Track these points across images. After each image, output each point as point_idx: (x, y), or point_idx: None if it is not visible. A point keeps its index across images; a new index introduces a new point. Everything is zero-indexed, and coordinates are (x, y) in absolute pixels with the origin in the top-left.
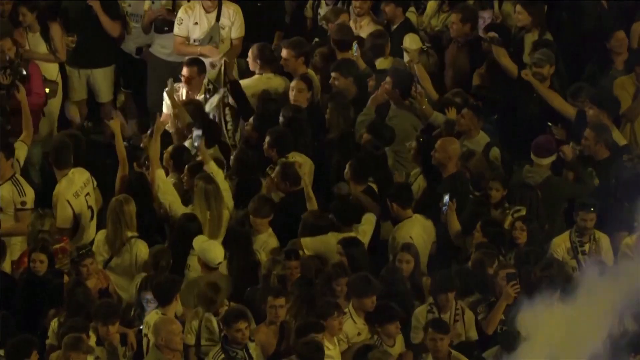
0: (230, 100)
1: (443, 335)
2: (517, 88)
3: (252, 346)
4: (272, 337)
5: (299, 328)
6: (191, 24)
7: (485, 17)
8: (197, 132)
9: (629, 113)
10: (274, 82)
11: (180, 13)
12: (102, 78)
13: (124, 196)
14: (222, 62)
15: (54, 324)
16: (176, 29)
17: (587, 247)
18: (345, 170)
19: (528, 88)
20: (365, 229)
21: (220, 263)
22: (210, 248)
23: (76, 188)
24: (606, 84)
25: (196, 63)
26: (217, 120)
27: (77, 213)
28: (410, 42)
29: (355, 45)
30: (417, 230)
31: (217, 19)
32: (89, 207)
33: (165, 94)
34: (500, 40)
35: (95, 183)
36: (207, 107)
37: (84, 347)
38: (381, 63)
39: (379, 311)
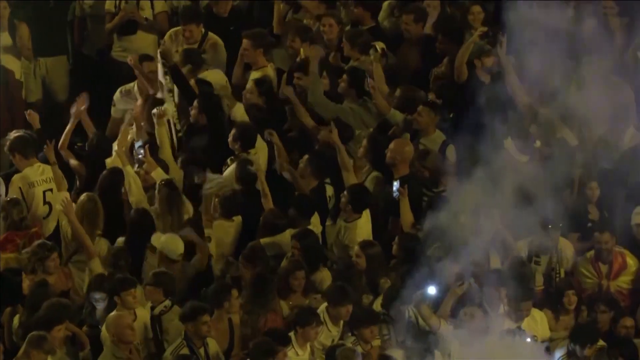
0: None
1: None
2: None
3: (211, 342)
4: (225, 332)
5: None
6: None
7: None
8: (138, 144)
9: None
10: (208, 76)
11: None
12: (56, 72)
13: (90, 194)
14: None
15: (16, 320)
16: None
17: (543, 259)
18: (301, 165)
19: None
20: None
21: (181, 254)
22: (170, 241)
23: (33, 179)
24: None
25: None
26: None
27: (29, 202)
28: (378, 45)
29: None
30: (368, 228)
31: None
32: (47, 202)
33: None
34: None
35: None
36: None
37: (47, 346)
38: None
39: (354, 315)
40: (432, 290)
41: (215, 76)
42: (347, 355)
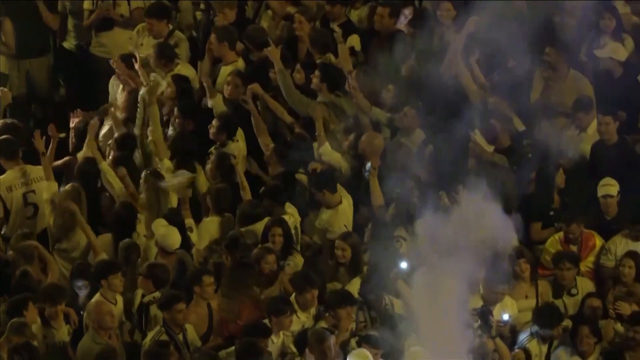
0: None
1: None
2: None
3: (189, 327)
4: (204, 317)
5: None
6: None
7: (406, 13)
8: None
9: (536, 105)
10: (183, 69)
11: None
12: (40, 67)
13: (75, 185)
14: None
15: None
16: None
17: None
18: (267, 153)
19: None
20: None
21: (177, 249)
22: (169, 234)
23: (11, 183)
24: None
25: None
26: None
27: (8, 206)
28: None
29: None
30: (349, 216)
31: None
32: (30, 203)
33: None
34: None
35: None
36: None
37: (28, 332)
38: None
39: (330, 296)
40: (404, 265)
41: (187, 71)
42: (318, 335)
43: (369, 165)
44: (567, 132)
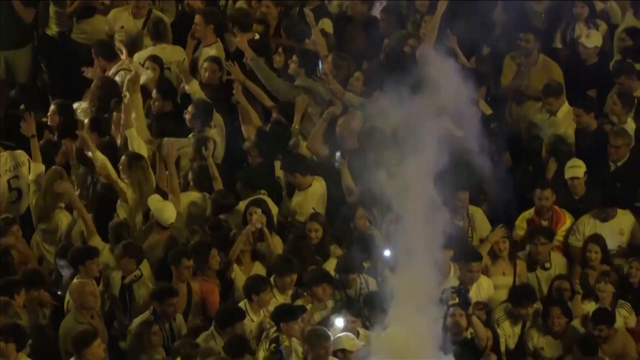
0: None
1: (355, 319)
2: None
3: (178, 317)
4: (183, 297)
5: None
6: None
7: None
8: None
9: (507, 90)
10: (167, 50)
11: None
12: (21, 57)
13: (57, 168)
14: None
15: None
16: None
17: (462, 222)
18: (247, 144)
19: None
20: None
21: (172, 223)
22: (164, 208)
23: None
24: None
25: None
26: None
27: None
28: (326, 24)
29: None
30: (320, 198)
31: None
32: (14, 188)
33: None
34: None
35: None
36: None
37: (12, 311)
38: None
39: (308, 275)
40: (387, 253)
41: (173, 52)
42: (318, 334)
43: (338, 154)
44: (537, 116)
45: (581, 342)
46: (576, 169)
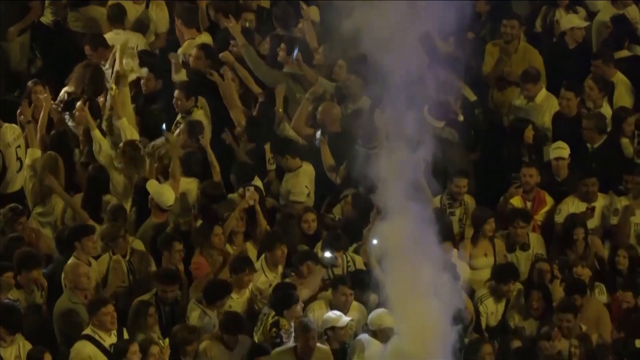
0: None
1: (351, 291)
2: None
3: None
4: None
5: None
6: None
7: None
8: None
9: (488, 77)
10: (133, 37)
11: None
12: (16, 45)
13: (52, 153)
14: None
15: None
16: None
17: (457, 210)
18: (239, 129)
19: None
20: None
21: (171, 205)
22: (162, 191)
23: (8, 140)
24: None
25: None
26: None
27: (7, 163)
28: (313, 12)
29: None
30: (310, 178)
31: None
32: (18, 158)
33: None
34: None
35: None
36: None
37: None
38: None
39: (295, 256)
40: (375, 241)
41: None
42: (303, 325)
43: (319, 133)
44: (517, 101)
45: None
46: (561, 150)
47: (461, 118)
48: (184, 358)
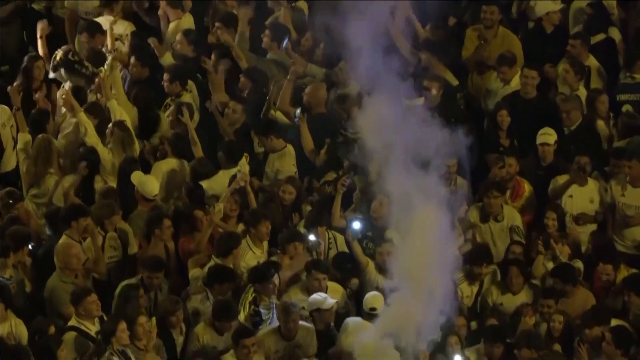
0: None
1: (324, 275)
2: None
3: (164, 286)
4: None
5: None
6: None
7: None
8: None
9: (468, 61)
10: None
11: None
12: (8, 32)
13: (45, 135)
14: None
15: None
16: None
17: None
18: (227, 111)
19: None
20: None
21: (155, 195)
22: (147, 182)
23: (3, 121)
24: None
25: None
26: None
27: (4, 142)
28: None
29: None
30: (294, 159)
31: None
32: (13, 137)
33: None
34: None
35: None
36: None
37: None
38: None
39: (281, 235)
40: (356, 225)
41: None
42: (285, 307)
43: (298, 111)
44: (493, 85)
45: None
46: (547, 135)
47: (434, 92)
48: (173, 330)
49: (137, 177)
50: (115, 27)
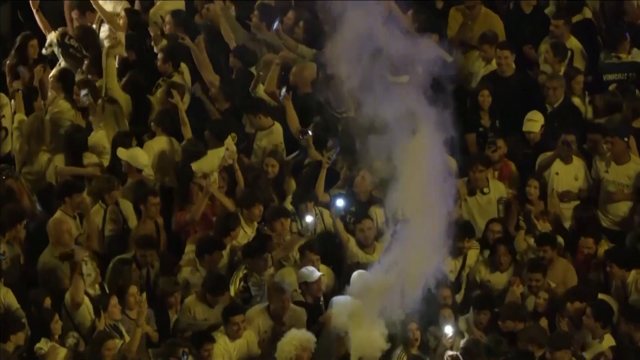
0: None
1: (317, 256)
2: None
3: (156, 264)
4: (152, 233)
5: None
6: None
7: None
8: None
9: (452, 41)
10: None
11: None
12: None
13: (38, 114)
14: None
15: None
16: None
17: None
18: (213, 91)
19: None
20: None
21: (145, 166)
22: (136, 154)
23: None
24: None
25: None
26: None
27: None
28: None
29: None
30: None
31: None
32: (3, 128)
33: None
34: None
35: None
36: None
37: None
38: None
39: (268, 211)
40: (340, 202)
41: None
42: (277, 287)
43: (283, 90)
44: (475, 64)
45: (530, 263)
46: (533, 123)
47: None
48: (169, 310)
49: (123, 152)
50: (108, 4)
